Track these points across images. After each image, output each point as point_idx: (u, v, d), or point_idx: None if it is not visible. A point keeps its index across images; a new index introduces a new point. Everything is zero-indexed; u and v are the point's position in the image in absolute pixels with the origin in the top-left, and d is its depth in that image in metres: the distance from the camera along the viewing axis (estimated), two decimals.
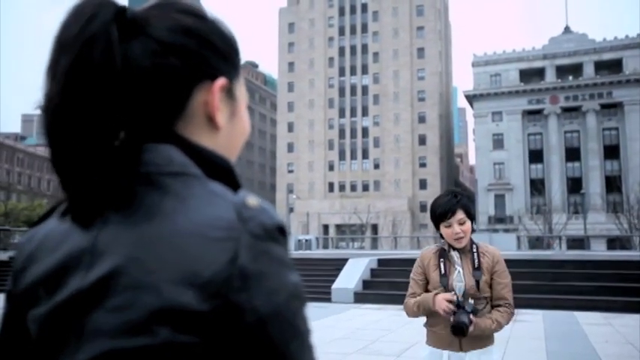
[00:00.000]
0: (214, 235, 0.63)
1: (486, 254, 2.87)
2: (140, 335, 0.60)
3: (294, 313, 0.64)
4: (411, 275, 2.97)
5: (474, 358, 2.77)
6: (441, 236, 2.93)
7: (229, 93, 0.76)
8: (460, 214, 2.81)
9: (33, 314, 0.69)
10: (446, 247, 2.90)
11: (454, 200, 2.85)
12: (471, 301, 2.74)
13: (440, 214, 2.84)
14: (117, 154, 0.65)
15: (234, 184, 0.70)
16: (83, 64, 0.64)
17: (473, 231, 2.89)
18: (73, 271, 0.66)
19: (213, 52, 0.73)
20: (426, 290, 2.90)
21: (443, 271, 2.83)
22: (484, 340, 2.79)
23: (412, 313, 2.92)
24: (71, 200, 0.67)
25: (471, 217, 2.87)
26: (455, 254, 2.87)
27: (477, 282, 2.78)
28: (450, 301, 2.72)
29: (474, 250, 2.86)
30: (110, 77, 0.64)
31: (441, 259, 2.86)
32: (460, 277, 2.81)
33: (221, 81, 0.73)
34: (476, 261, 2.82)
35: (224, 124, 0.75)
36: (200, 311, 0.60)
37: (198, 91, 0.72)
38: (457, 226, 2.81)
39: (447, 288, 2.81)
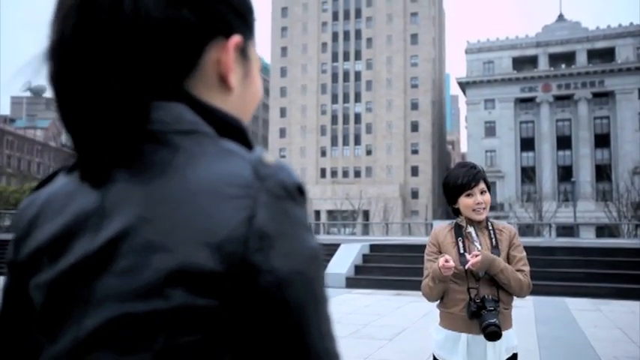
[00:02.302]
0: (230, 192, 0.59)
1: (503, 231, 2.75)
2: (153, 299, 0.58)
3: (313, 277, 0.62)
4: (425, 257, 2.79)
5: (495, 342, 2.59)
6: (455, 212, 2.79)
7: (243, 53, 0.72)
8: (482, 184, 2.70)
9: (35, 282, 0.67)
10: (463, 223, 2.74)
11: (475, 170, 2.72)
12: (489, 296, 2.59)
13: (462, 184, 2.68)
14: (126, 111, 0.62)
15: (246, 144, 0.67)
16: (90, 7, 0.61)
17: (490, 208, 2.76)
18: (79, 235, 0.63)
19: (228, 7, 0.69)
20: None
21: (462, 250, 2.66)
22: (505, 322, 2.63)
23: (429, 292, 2.70)
24: (80, 156, 0.64)
25: (489, 190, 2.75)
26: (472, 230, 2.72)
27: None
28: (471, 302, 2.58)
29: (490, 227, 2.73)
30: (119, 25, 0.61)
31: (459, 238, 2.70)
32: None
33: (236, 38, 0.69)
34: (493, 239, 2.70)
35: (236, 85, 0.71)
36: (216, 272, 0.58)
37: (211, 48, 0.68)
38: (479, 196, 2.67)
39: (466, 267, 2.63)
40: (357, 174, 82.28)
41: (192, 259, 0.58)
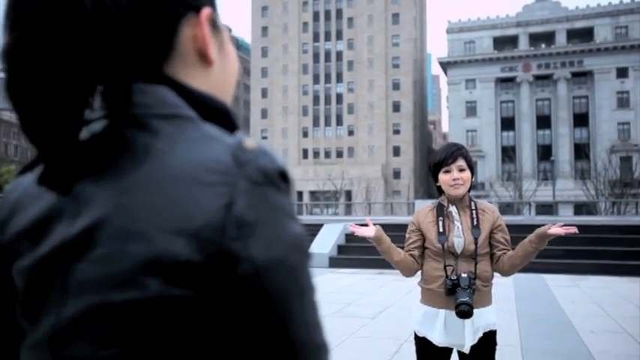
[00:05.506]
0: (208, 180, 0.58)
1: (486, 211, 2.78)
2: (129, 288, 0.56)
3: (295, 265, 0.60)
4: (406, 235, 2.88)
5: (472, 318, 2.62)
6: (439, 191, 2.83)
7: (214, 25, 0.71)
8: (461, 161, 2.73)
9: (17, 266, 0.66)
10: (444, 203, 2.79)
11: (455, 147, 2.79)
12: (464, 275, 2.63)
13: (440, 160, 2.75)
14: (108, 95, 0.61)
15: (231, 127, 0.65)
16: (45, 6, 0.59)
17: (471, 187, 2.79)
18: (58, 221, 0.62)
19: None
20: (423, 248, 2.81)
21: (442, 229, 2.71)
22: (483, 299, 2.69)
23: (399, 269, 2.86)
24: (44, 167, 0.62)
25: (471, 169, 2.78)
26: (454, 209, 2.76)
27: (476, 239, 2.69)
28: (447, 279, 2.65)
29: (473, 207, 2.76)
30: (79, 22, 0.59)
31: (440, 217, 2.75)
32: (459, 234, 2.70)
33: (207, 11, 0.69)
34: (475, 219, 2.73)
35: (215, 58, 0.71)
36: (192, 261, 0.56)
37: (185, 25, 0.67)
38: (457, 172, 2.71)
39: (444, 246, 2.70)
40: (339, 154, 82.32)
41: (168, 247, 0.56)
